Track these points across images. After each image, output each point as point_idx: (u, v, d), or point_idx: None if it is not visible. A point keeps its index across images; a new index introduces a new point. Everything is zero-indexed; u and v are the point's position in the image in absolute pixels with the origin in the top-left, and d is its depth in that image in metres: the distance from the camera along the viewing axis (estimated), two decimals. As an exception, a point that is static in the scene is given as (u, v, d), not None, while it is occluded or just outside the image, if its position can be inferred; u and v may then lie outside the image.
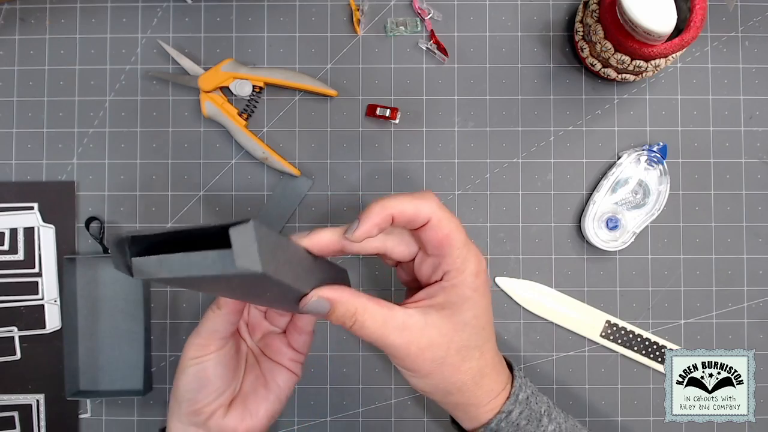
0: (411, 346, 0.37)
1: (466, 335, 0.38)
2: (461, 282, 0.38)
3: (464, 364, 0.39)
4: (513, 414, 0.40)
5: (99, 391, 0.54)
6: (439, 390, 0.39)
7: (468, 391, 0.40)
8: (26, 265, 0.54)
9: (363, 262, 0.55)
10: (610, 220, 0.54)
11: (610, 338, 0.55)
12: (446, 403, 0.41)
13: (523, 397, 0.41)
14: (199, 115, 0.55)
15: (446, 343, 0.38)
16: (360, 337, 0.37)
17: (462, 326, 0.38)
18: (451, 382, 0.39)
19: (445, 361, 0.38)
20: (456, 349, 0.38)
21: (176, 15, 0.55)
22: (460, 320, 0.38)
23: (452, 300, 0.38)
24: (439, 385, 0.39)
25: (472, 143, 0.55)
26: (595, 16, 0.49)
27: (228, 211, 0.55)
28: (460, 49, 0.55)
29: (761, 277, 0.55)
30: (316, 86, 0.53)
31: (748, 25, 0.56)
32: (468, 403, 0.40)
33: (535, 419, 0.41)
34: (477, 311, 0.38)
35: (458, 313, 0.38)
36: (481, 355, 0.40)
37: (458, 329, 0.38)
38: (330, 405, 0.55)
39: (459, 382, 0.39)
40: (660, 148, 0.54)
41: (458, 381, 0.39)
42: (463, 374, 0.39)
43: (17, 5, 0.55)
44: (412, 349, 0.37)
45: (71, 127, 0.55)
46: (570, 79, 0.56)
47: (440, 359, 0.38)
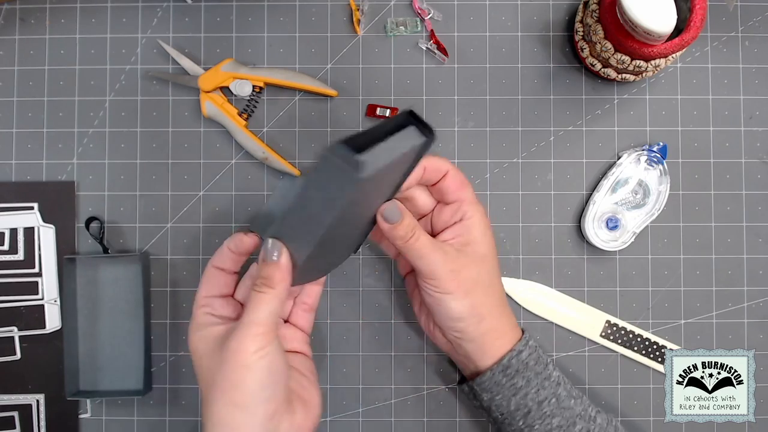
0: (451, 265, 0.44)
1: (487, 266, 0.46)
2: (479, 221, 0.46)
3: (490, 289, 0.46)
4: (523, 354, 0.46)
5: (99, 391, 0.54)
6: (474, 314, 0.45)
7: (495, 318, 0.46)
8: (26, 265, 0.54)
9: (363, 262, 0.55)
10: (610, 220, 0.54)
11: (610, 338, 0.55)
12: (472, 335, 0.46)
13: (533, 345, 0.48)
14: (199, 115, 0.55)
15: (476, 268, 0.45)
16: (408, 252, 0.44)
17: (482, 258, 0.46)
18: (484, 303, 0.45)
19: (478, 283, 0.45)
20: (483, 274, 0.45)
21: (176, 15, 0.55)
22: (481, 253, 0.46)
23: (473, 236, 0.46)
24: (476, 307, 0.45)
25: (472, 143, 0.55)
26: (595, 16, 0.49)
27: (228, 211, 0.55)
28: (460, 49, 0.55)
29: (761, 277, 0.55)
30: (316, 86, 0.53)
31: (748, 25, 0.56)
32: (492, 330, 0.46)
33: (542, 363, 0.47)
34: (490, 248, 0.47)
35: (479, 248, 0.46)
36: (499, 288, 0.48)
37: (480, 260, 0.45)
38: (330, 405, 0.55)
39: (489, 305, 0.46)
40: (660, 148, 0.54)
41: (489, 303, 0.46)
42: (492, 297, 0.46)
43: (17, 5, 0.55)
44: (452, 269, 0.44)
45: (71, 127, 0.55)
46: (570, 79, 0.56)
47: (473, 280, 0.45)
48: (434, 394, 0.55)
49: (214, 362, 0.40)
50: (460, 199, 0.47)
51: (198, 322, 0.43)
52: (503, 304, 0.48)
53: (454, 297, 0.44)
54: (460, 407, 0.55)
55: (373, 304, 0.55)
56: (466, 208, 0.46)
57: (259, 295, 0.39)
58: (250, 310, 0.39)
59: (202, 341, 0.42)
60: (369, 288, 0.55)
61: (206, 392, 0.40)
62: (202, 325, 0.42)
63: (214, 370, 0.39)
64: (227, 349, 0.39)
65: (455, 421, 0.55)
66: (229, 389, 0.38)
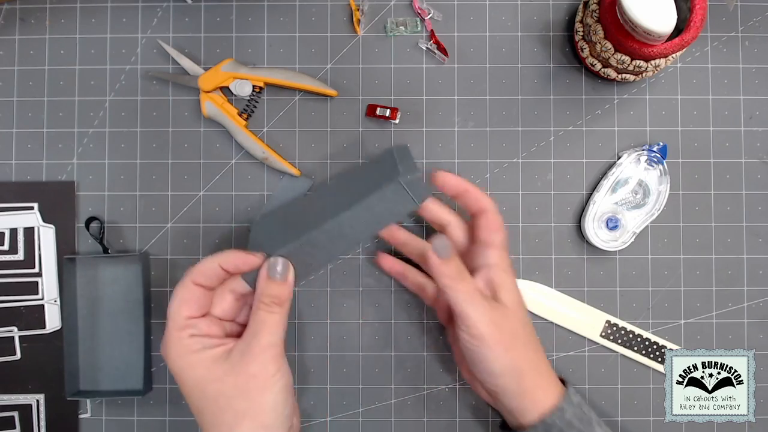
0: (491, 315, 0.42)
1: (521, 317, 0.44)
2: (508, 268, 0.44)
3: (529, 343, 0.44)
4: (567, 413, 0.44)
5: (99, 391, 0.54)
6: (515, 369, 0.43)
7: (535, 373, 0.44)
8: (26, 265, 0.54)
9: (362, 262, 0.55)
10: (610, 220, 0.54)
11: (610, 338, 0.55)
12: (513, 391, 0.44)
13: (576, 401, 0.45)
14: (199, 115, 0.55)
15: (513, 319, 0.43)
16: (452, 293, 0.42)
17: (515, 308, 0.44)
18: (524, 358, 0.43)
19: (517, 336, 0.43)
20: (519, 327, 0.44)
21: (176, 15, 0.55)
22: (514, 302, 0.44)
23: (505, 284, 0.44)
24: (516, 362, 0.43)
25: (472, 143, 0.55)
26: (595, 16, 0.49)
27: (228, 211, 0.55)
28: (460, 49, 0.55)
29: (761, 277, 0.55)
30: (316, 86, 0.53)
31: (748, 25, 0.56)
32: (534, 386, 0.44)
33: (586, 421, 0.44)
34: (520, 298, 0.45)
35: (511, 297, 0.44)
36: (536, 340, 0.45)
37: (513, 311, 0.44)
38: (330, 405, 0.55)
39: (529, 359, 0.44)
40: (660, 148, 0.54)
41: (529, 358, 0.44)
42: (531, 351, 0.44)
43: (17, 5, 0.55)
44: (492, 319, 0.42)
45: (71, 127, 0.55)
46: (570, 79, 0.56)
47: (512, 333, 0.43)
48: (434, 394, 0.55)
49: (227, 387, 0.39)
50: (492, 242, 0.45)
51: (185, 345, 0.40)
52: (542, 358, 0.46)
53: (494, 352, 0.42)
54: (460, 407, 0.55)
55: (373, 304, 0.55)
56: (498, 254, 0.44)
57: (271, 315, 0.40)
58: (263, 332, 0.40)
59: (200, 367, 0.40)
60: (369, 288, 0.55)
61: (216, 416, 0.40)
62: (194, 350, 0.40)
63: (229, 395, 0.39)
64: (247, 373, 0.39)
65: (455, 421, 0.55)
66: (258, 414, 0.39)
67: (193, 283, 0.42)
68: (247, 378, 0.39)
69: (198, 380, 0.40)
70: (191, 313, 0.42)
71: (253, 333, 0.41)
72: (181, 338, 0.41)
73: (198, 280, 0.42)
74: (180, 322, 0.41)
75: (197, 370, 0.40)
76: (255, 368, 0.39)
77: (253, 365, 0.39)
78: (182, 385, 0.41)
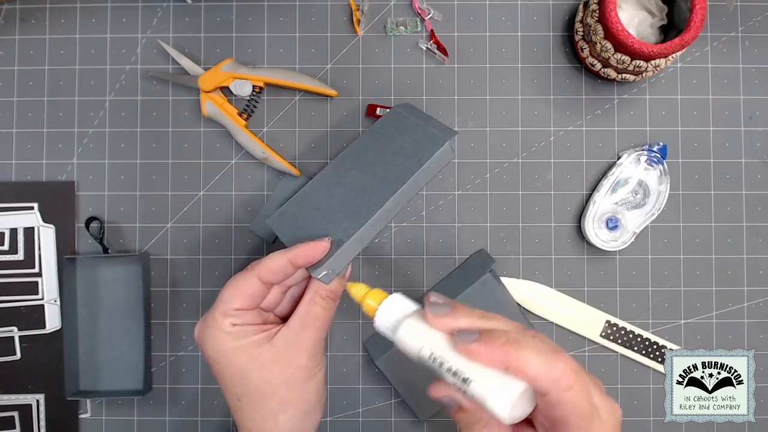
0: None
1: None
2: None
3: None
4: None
5: (99, 391, 0.54)
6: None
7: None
8: (26, 265, 0.54)
9: (362, 262, 0.55)
10: (610, 220, 0.54)
11: (610, 338, 0.55)
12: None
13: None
14: (199, 115, 0.55)
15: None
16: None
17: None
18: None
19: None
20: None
21: (176, 15, 0.55)
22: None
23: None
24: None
25: (472, 143, 0.55)
26: (595, 16, 0.49)
27: (228, 211, 0.55)
28: (460, 49, 0.55)
29: (761, 277, 0.55)
30: (316, 86, 0.53)
31: (748, 25, 0.56)
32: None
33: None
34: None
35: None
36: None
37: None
38: (330, 405, 0.55)
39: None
40: (660, 148, 0.54)
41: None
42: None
43: (17, 5, 0.55)
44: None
45: (71, 127, 0.55)
46: (570, 79, 0.56)
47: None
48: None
49: (273, 375, 0.40)
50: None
51: (227, 333, 0.40)
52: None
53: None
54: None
55: (373, 304, 0.55)
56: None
57: (325, 311, 0.41)
58: (316, 326, 0.41)
59: (243, 354, 0.40)
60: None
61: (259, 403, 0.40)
62: (236, 338, 0.40)
63: (275, 383, 0.40)
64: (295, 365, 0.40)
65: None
66: (302, 402, 0.40)
67: (257, 278, 0.41)
68: (295, 369, 0.40)
69: (241, 367, 0.40)
70: (243, 305, 0.41)
71: (305, 325, 0.41)
72: (223, 326, 0.40)
73: (266, 277, 0.41)
74: (227, 311, 0.41)
75: (240, 357, 0.40)
76: (303, 360, 0.40)
77: (302, 357, 0.40)
78: (221, 372, 0.41)
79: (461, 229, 0.55)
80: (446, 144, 0.43)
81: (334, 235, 0.42)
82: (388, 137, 0.48)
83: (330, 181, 0.47)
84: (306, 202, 0.47)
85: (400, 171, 0.43)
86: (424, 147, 0.44)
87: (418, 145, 0.44)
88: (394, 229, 0.55)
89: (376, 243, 0.55)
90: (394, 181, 0.43)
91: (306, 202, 0.47)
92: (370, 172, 0.45)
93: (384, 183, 0.43)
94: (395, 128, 0.48)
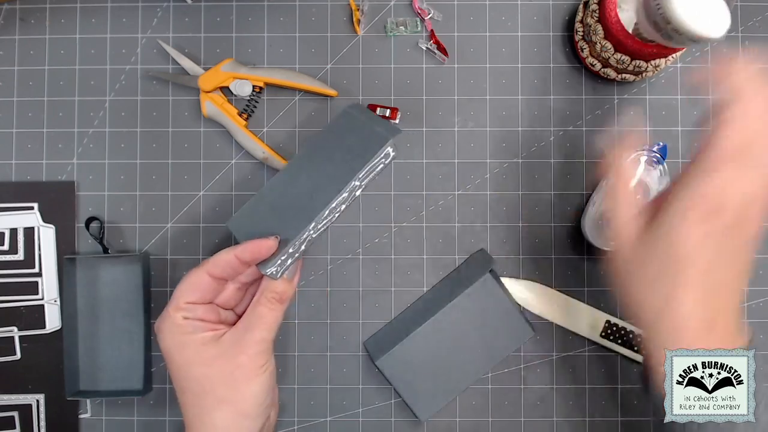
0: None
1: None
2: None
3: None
4: None
5: (99, 391, 0.54)
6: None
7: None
8: (26, 265, 0.54)
9: (362, 262, 0.55)
10: (610, 220, 0.54)
11: (610, 338, 0.55)
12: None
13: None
14: (199, 115, 0.55)
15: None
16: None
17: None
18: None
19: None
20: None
21: (176, 15, 0.55)
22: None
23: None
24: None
25: (472, 143, 0.55)
26: (595, 16, 0.49)
27: (228, 211, 0.55)
28: (460, 49, 0.55)
29: (761, 277, 0.55)
30: (316, 86, 0.53)
31: (748, 25, 0.56)
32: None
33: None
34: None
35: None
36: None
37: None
38: (330, 405, 0.55)
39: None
40: (660, 148, 0.54)
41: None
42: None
43: (17, 5, 0.55)
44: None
45: (71, 127, 0.55)
46: (570, 79, 0.56)
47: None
48: (434, 394, 0.55)
49: (213, 371, 0.41)
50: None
51: (177, 326, 0.42)
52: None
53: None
54: (460, 407, 0.55)
55: (373, 304, 0.55)
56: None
57: (271, 312, 0.41)
58: (260, 326, 0.41)
59: (189, 348, 0.41)
60: (369, 288, 0.55)
61: (198, 397, 0.41)
62: (185, 332, 0.42)
63: (214, 380, 0.41)
64: (235, 362, 0.40)
65: (455, 421, 0.55)
66: (239, 401, 0.40)
67: (206, 273, 0.43)
68: (234, 367, 0.40)
69: (185, 360, 0.41)
70: (193, 299, 0.43)
71: (249, 326, 0.42)
72: (175, 319, 0.42)
73: (213, 271, 0.43)
74: (180, 304, 0.42)
75: (186, 351, 0.41)
76: (244, 359, 0.40)
77: (243, 356, 0.40)
78: (170, 363, 0.42)
79: (461, 229, 0.55)
80: (389, 142, 0.44)
81: (284, 234, 0.43)
82: (339, 137, 0.49)
83: (285, 181, 0.48)
84: (262, 203, 0.48)
85: (346, 170, 0.45)
86: (369, 146, 0.45)
87: (364, 144, 0.45)
88: (394, 229, 0.55)
89: (376, 243, 0.55)
90: (340, 180, 0.44)
91: (262, 202, 0.48)
92: (321, 171, 0.47)
93: (332, 182, 0.45)
94: (346, 128, 0.49)
